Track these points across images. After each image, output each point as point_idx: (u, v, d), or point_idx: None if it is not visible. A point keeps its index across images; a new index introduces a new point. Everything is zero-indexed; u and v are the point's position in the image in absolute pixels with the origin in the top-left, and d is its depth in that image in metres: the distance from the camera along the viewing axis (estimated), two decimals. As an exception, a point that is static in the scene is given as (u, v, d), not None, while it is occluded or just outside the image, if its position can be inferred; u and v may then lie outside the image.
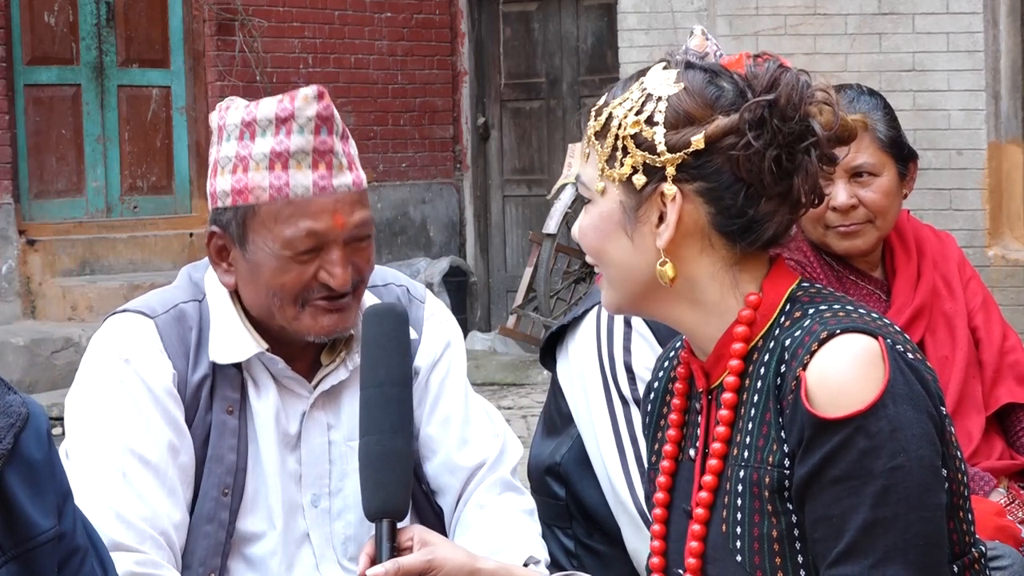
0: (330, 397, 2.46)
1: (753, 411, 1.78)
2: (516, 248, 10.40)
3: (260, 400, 2.41)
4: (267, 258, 2.33)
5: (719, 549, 1.80)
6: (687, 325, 1.85)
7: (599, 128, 1.83)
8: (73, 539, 1.87)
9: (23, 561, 1.77)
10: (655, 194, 1.79)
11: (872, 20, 7.59)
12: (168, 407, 2.35)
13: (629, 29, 8.22)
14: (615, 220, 1.82)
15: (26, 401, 1.81)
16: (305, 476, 2.44)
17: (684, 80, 1.80)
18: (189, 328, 2.39)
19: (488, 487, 2.50)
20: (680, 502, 1.90)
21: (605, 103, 1.85)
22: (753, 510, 1.77)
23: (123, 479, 2.30)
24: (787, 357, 1.74)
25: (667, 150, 1.78)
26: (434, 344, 2.55)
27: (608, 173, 1.82)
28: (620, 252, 1.83)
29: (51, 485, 1.83)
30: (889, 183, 2.89)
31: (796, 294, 1.82)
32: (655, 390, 2.01)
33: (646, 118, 1.80)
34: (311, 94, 2.34)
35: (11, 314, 8.49)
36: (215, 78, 9.29)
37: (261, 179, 2.32)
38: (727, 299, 1.82)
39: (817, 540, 1.71)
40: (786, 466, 1.73)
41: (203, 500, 2.36)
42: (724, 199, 1.78)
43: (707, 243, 1.81)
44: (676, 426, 1.92)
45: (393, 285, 2.57)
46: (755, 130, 1.76)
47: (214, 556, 2.36)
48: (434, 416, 2.52)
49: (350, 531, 2.46)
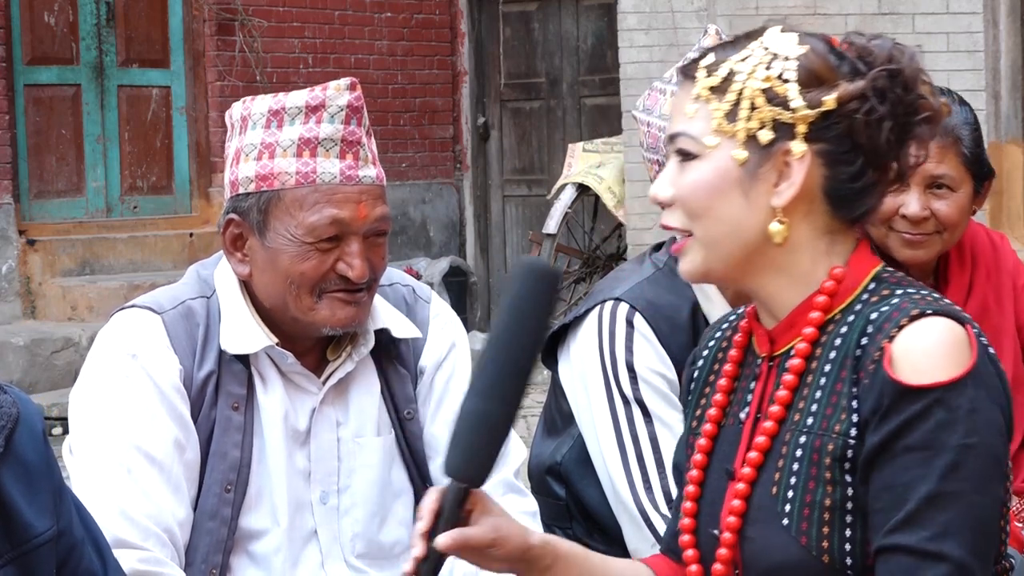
0: (338, 393, 2.45)
1: (823, 380, 1.80)
2: (516, 248, 10.39)
3: (267, 396, 2.41)
4: (287, 244, 2.33)
5: (764, 511, 1.82)
6: (767, 292, 1.86)
7: (716, 84, 1.83)
8: (71, 535, 1.86)
9: (21, 564, 1.76)
10: (779, 152, 1.80)
11: (872, 20, 7.59)
12: (174, 403, 2.34)
13: (629, 29, 8.21)
14: (731, 176, 1.82)
15: (18, 400, 1.80)
16: (314, 473, 2.43)
17: (808, 43, 1.84)
18: (196, 324, 2.39)
19: (490, 488, 2.50)
20: (721, 463, 1.91)
21: (718, 60, 1.85)
22: (809, 476, 1.78)
23: (128, 475, 2.29)
24: (871, 330, 1.77)
25: (802, 107, 1.79)
26: (439, 345, 2.55)
27: (727, 128, 1.81)
28: (731, 210, 1.82)
29: (47, 485, 1.82)
30: (964, 199, 2.83)
31: (882, 275, 1.85)
32: (703, 358, 2.03)
33: (777, 74, 1.81)
34: (343, 84, 2.36)
35: (11, 314, 8.48)
36: (215, 78, 9.29)
37: (288, 165, 2.33)
38: (817, 268, 1.84)
39: (878, 510, 1.73)
40: (852, 436, 1.75)
41: (206, 496, 2.36)
42: (840, 164, 1.81)
43: (812, 207, 1.83)
44: (724, 391, 1.94)
45: (399, 285, 2.57)
46: (877, 97, 1.79)
47: (216, 553, 2.36)
48: (438, 416, 2.52)
49: (358, 528, 2.46)
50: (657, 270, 2.69)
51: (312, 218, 2.32)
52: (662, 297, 2.64)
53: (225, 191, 2.43)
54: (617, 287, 2.67)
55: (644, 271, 2.70)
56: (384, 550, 2.48)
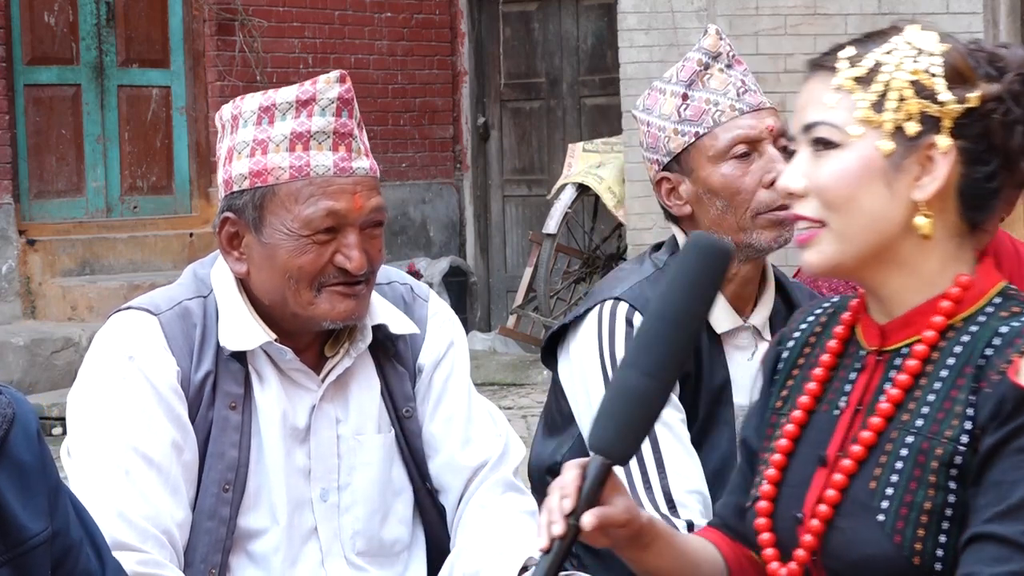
0: (338, 390, 2.45)
1: (938, 384, 1.82)
2: (516, 248, 10.39)
3: (264, 395, 2.40)
4: (284, 239, 2.33)
5: (859, 504, 1.83)
6: (889, 288, 1.87)
7: (862, 74, 1.83)
8: (67, 535, 1.85)
9: (16, 565, 1.75)
10: (923, 145, 1.82)
11: (872, 20, 7.58)
12: (172, 404, 2.34)
13: (629, 29, 8.21)
14: (875, 167, 1.82)
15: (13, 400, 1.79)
16: (314, 470, 2.43)
17: (949, 42, 1.86)
18: (193, 325, 2.38)
19: (490, 487, 2.50)
20: (812, 450, 1.91)
21: (860, 52, 1.86)
22: (911, 477, 1.79)
23: (126, 477, 2.29)
24: (999, 343, 1.79)
25: (951, 101, 1.81)
26: (438, 343, 2.54)
27: (874, 118, 1.82)
28: (873, 201, 1.83)
29: (42, 486, 1.81)
30: None
31: (1009, 291, 1.88)
32: (794, 339, 2.03)
33: (924, 68, 1.83)
34: (333, 77, 2.37)
35: (11, 314, 8.48)
36: (215, 78, 9.29)
37: (281, 160, 2.33)
38: (945, 270, 1.86)
39: (980, 507, 1.74)
40: (963, 443, 1.77)
41: (204, 496, 2.35)
42: (977, 163, 1.83)
43: (946, 206, 1.84)
44: (819, 380, 1.95)
45: (397, 283, 2.56)
46: (1013, 100, 1.83)
47: (215, 553, 2.35)
48: (437, 415, 2.52)
49: (358, 525, 2.45)
50: (657, 270, 2.69)
51: (308, 211, 2.31)
52: (662, 297, 2.64)
53: (219, 190, 2.42)
54: (617, 287, 2.67)
55: (644, 271, 2.70)
56: (384, 547, 2.48)
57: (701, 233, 1.94)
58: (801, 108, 1.89)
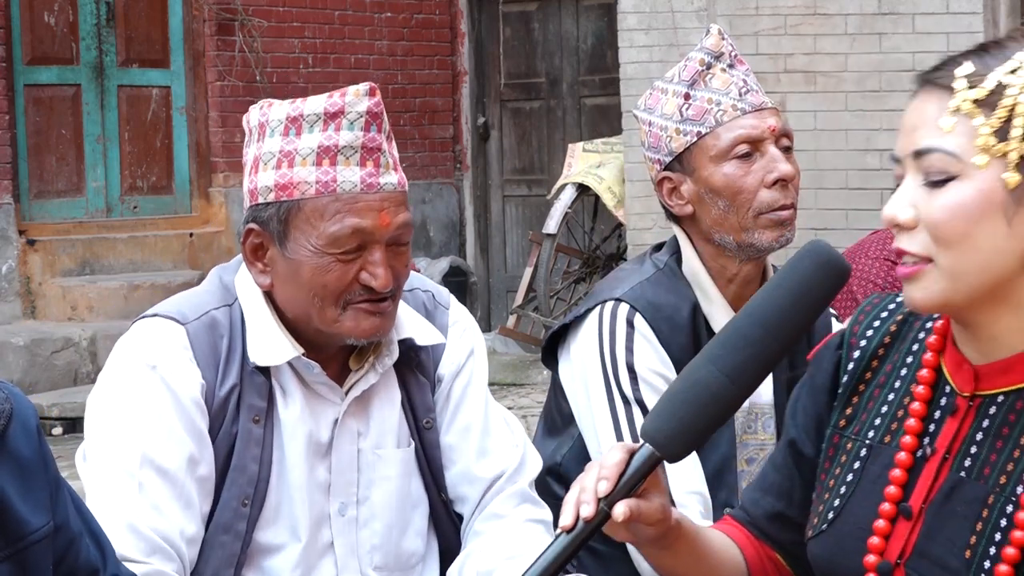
0: (360, 404, 2.41)
1: None
2: (516, 248, 10.39)
3: (288, 409, 2.36)
4: (309, 256, 2.29)
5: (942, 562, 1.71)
6: (995, 330, 1.70)
7: (982, 96, 1.64)
8: (68, 529, 1.85)
9: (17, 561, 1.75)
10: None
11: (872, 20, 7.59)
12: (193, 417, 2.29)
13: (629, 29, 8.21)
14: (995, 201, 1.63)
15: (11, 395, 1.79)
16: (334, 484, 2.39)
17: None
18: (220, 336, 2.33)
19: (505, 498, 2.47)
20: (875, 485, 1.78)
21: (980, 71, 1.66)
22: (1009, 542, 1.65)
23: (139, 489, 2.25)
24: None
25: None
26: (458, 352, 2.51)
27: (998, 148, 1.63)
28: (991, 238, 1.64)
29: (42, 480, 1.81)
30: None
31: None
32: (861, 348, 1.87)
33: None
34: (363, 90, 2.31)
35: (11, 314, 8.48)
36: (215, 78, 9.29)
37: (307, 174, 2.28)
38: None
39: None
40: None
41: (222, 510, 2.31)
42: None
43: None
44: (918, 416, 1.77)
45: (419, 291, 2.53)
46: None
47: (227, 567, 2.31)
48: (454, 425, 2.48)
49: (376, 540, 2.41)
50: (657, 270, 2.69)
51: (333, 228, 2.27)
52: (662, 297, 2.64)
53: (244, 199, 2.38)
54: (617, 287, 2.67)
55: (644, 271, 2.70)
56: (401, 561, 2.44)
57: (821, 243, 1.78)
58: (910, 130, 1.70)
